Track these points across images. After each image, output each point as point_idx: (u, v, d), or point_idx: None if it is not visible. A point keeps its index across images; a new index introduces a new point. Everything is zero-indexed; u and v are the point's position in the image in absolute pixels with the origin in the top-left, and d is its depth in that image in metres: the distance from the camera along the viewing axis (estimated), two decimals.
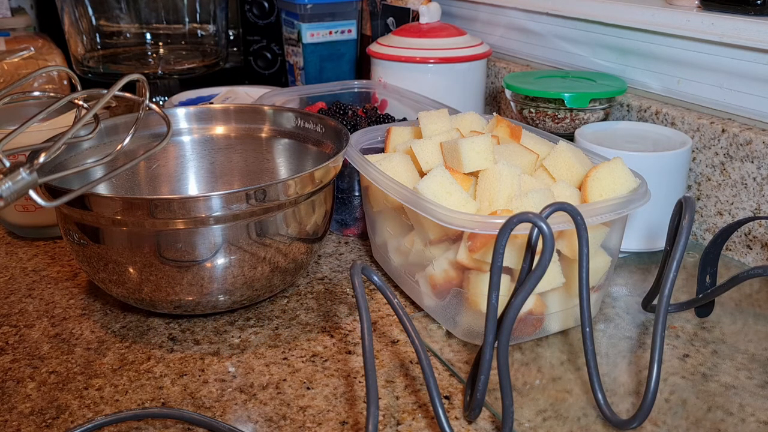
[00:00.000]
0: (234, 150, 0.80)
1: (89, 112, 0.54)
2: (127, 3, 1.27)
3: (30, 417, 0.53)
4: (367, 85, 0.99)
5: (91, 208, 0.57)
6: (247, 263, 0.61)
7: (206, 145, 0.80)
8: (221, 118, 0.80)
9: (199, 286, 0.60)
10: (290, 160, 0.79)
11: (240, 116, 0.80)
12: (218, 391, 0.56)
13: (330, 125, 0.74)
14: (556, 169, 0.64)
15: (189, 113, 0.79)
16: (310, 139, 0.77)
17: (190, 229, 0.58)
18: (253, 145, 0.80)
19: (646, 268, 0.73)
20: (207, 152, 0.80)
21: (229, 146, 0.80)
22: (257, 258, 0.61)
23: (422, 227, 0.61)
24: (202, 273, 0.60)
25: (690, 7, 0.78)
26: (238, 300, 0.64)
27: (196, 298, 0.61)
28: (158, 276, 0.60)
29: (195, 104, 1.03)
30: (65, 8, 1.22)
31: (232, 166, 0.80)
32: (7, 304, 0.69)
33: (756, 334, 0.62)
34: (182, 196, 0.57)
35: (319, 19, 1.16)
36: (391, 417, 0.53)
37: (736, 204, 0.74)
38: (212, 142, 0.80)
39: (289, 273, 0.65)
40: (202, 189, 0.80)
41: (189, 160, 0.79)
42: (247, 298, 0.64)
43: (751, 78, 0.73)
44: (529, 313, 0.59)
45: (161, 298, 0.61)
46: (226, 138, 0.80)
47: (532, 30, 1.03)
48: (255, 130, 0.80)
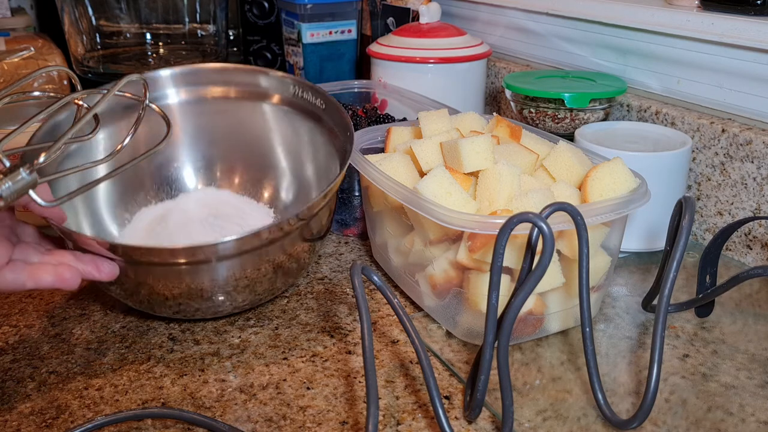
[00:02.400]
0: (228, 114, 0.78)
1: (89, 112, 0.54)
2: (127, 3, 1.27)
3: (30, 417, 0.53)
4: (367, 85, 0.99)
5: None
6: (250, 263, 0.60)
7: (199, 108, 0.77)
8: (218, 80, 0.77)
9: (199, 289, 0.59)
10: (287, 131, 0.77)
11: (237, 78, 0.78)
12: (218, 391, 0.56)
13: (335, 108, 0.72)
14: (556, 169, 0.64)
15: (175, 74, 0.76)
16: (309, 113, 0.75)
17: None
18: (249, 110, 0.78)
19: (646, 268, 0.73)
20: (202, 116, 0.77)
21: (224, 110, 0.78)
22: (260, 258, 0.60)
23: (422, 227, 0.61)
24: (202, 275, 0.59)
25: (690, 7, 0.78)
26: (239, 305, 0.63)
27: (196, 302, 0.60)
28: (156, 278, 0.59)
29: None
30: (65, 8, 1.22)
31: (228, 132, 0.78)
32: (7, 304, 0.69)
33: (756, 334, 0.62)
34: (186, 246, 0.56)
35: (319, 19, 1.16)
36: (391, 417, 0.53)
37: (736, 204, 0.74)
38: (206, 104, 0.77)
39: (291, 274, 0.65)
40: (198, 161, 0.78)
41: (182, 124, 0.77)
42: (249, 303, 0.64)
43: (751, 78, 0.73)
44: (529, 313, 0.59)
45: (159, 302, 0.61)
46: (224, 101, 0.77)
47: (532, 30, 1.03)
48: (253, 94, 0.77)
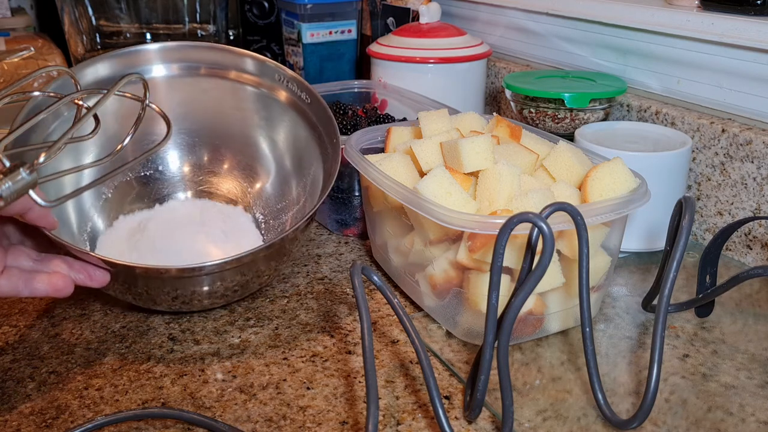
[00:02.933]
0: (211, 95, 0.78)
1: (89, 112, 0.54)
2: (127, 3, 1.27)
3: (30, 417, 0.53)
4: (367, 85, 0.99)
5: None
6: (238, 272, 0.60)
7: (185, 85, 0.77)
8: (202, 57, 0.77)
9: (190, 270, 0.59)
10: (268, 116, 0.77)
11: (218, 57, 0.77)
12: (218, 391, 0.56)
13: (322, 109, 0.73)
14: (556, 169, 0.64)
15: (165, 48, 0.76)
16: (297, 107, 0.76)
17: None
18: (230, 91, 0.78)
19: (646, 268, 0.73)
20: (186, 94, 0.77)
21: (207, 89, 0.78)
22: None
23: (422, 227, 0.61)
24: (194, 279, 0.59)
25: (690, 7, 0.79)
26: (229, 286, 0.62)
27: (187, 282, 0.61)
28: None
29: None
30: (65, 8, 1.21)
31: (211, 114, 0.78)
32: (7, 304, 0.69)
33: (756, 334, 0.62)
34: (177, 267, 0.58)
35: (319, 19, 1.16)
36: (391, 417, 0.53)
37: (736, 204, 0.74)
38: (191, 82, 0.77)
39: (272, 258, 0.64)
40: (181, 140, 0.78)
41: (167, 102, 0.76)
42: (238, 284, 0.63)
43: (751, 78, 0.73)
44: (529, 313, 0.59)
45: (156, 289, 0.61)
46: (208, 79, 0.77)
47: (532, 30, 1.03)
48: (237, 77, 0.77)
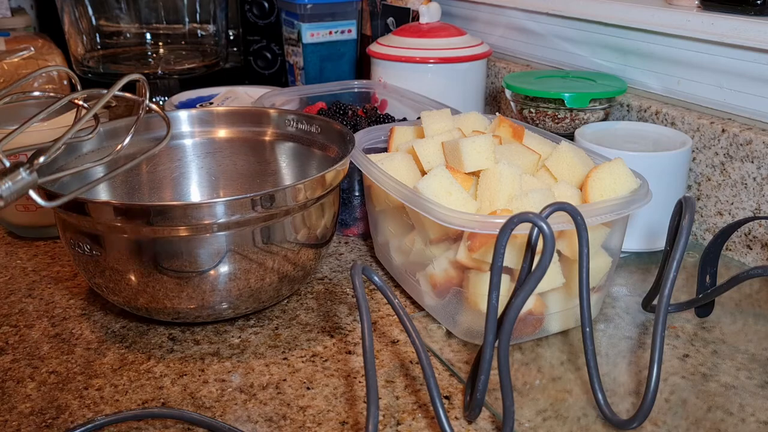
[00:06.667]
0: (236, 154, 0.79)
1: (89, 112, 0.54)
2: (127, 3, 1.27)
3: (30, 417, 0.53)
4: (367, 85, 0.99)
5: (88, 214, 0.56)
6: (254, 274, 0.59)
7: (208, 148, 0.78)
8: (223, 121, 0.78)
9: (200, 299, 0.59)
10: (294, 164, 0.78)
11: (242, 119, 0.79)
12: (218, 391, 0.56)
13: (333, 128, 0.73)
14: (557, 169, 0.64)
15: (191, 116, 0.78)
16: (313, 143, 0.76)
17: (191, 236, 0.56)
18: (255, 148, 0.78)
19: (646, 268, 0.73)
20: (209, 156, 0.79)
21: (232, 150, 0.79)
22: (264, 268, 0.59)
23: (423, 226, 0.61)
24: (203, 285, 0.58)
25: (690, 7, 0.78)
26: (242, 312, 0.63)
27: (196, 308, 0.60)
28: (156, 287, 0.58)
29: (195, 104, 1.03)
30: (65, 8, 1.22)
31: (235, 170, 0.79)
32: (7, 304, 0.69)
33: (756, 334, 0.62)
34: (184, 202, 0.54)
35: (319, 19, 1.16)
36: (391, 417, 0.53)
37: (736, 204, 0.74)
38: (214, 145, 0.78)
39: (297, 281, 0.64)
40: (205, 194, 0.79)
41: (190, 164, 0.78)
42: (252, 310, 0.63)
43: (751, 78, 0.73)
44: (529, 313, 0.59)
45: (158, 309, 0.60)
46: (229, 141, 0.79)
47: (532, 30, 1.03)
48: (258, 133, 0.78)
